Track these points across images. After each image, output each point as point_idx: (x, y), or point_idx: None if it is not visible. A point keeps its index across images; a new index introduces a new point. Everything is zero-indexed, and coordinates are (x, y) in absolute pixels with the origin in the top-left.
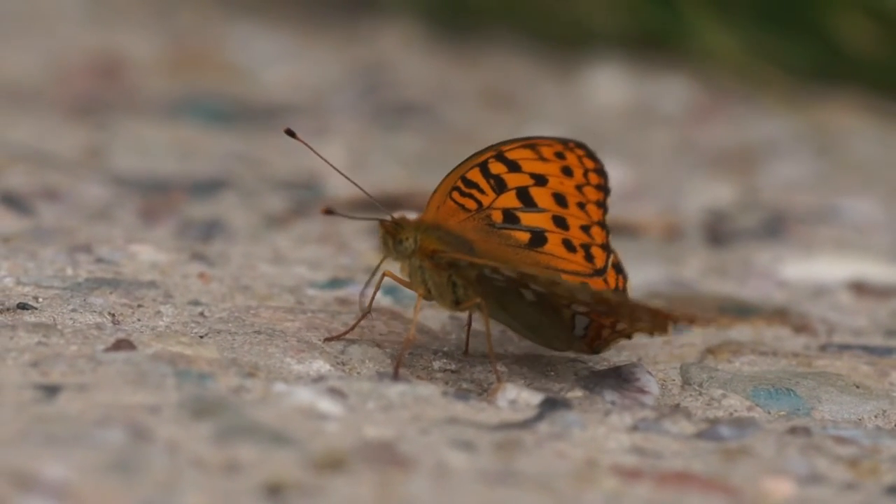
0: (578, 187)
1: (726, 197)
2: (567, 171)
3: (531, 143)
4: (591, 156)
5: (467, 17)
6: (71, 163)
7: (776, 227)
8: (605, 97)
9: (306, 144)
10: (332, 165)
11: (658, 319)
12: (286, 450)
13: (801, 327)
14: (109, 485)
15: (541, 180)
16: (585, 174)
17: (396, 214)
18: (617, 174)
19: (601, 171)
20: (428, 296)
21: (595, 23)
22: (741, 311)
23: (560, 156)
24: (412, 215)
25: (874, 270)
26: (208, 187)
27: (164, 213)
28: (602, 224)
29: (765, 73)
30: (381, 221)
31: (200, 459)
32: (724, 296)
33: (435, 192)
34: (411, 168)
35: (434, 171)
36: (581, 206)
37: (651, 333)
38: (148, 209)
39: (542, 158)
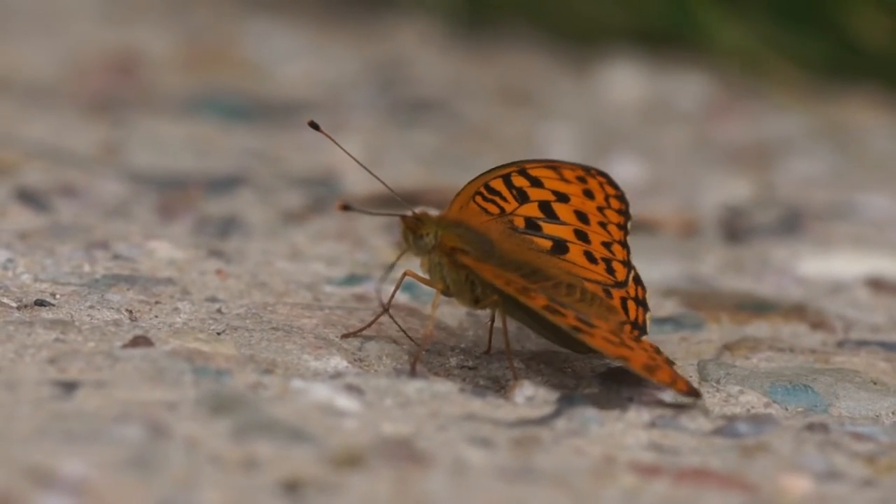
0: (600, 209)
1: (743, 193)
2: (588, 194)
3: (553, 165)
4: (612, 183)
5: (484, 13)
6: (88, 159)
7: (793, 224)
8: (621, 94)
9: (330, 137)
10: (355, 159)
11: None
12: (304, 446)
13: (819, 324)
14: (127, 481)
15: (563, 198)
16: (607, 199)
17: (418, 209)
18: (633, 171)
19: (622, 198)
20: (447, 292)
21: (611, 19)
22: (758, 307)
23: (582, 180)
24: (433, 211)
25: (891, 266)
26: (225, 184)
27: (181, 209)
28: (623, 243)
29: (781, 69)
30: (403, 216)
31: (218, 456)
32: (742, 292)
33: (458, 195)
34: (428, 165)
35: (451, 168)
36: (602, 225)
37: None
38: (165, 206)
39: (564, 180)
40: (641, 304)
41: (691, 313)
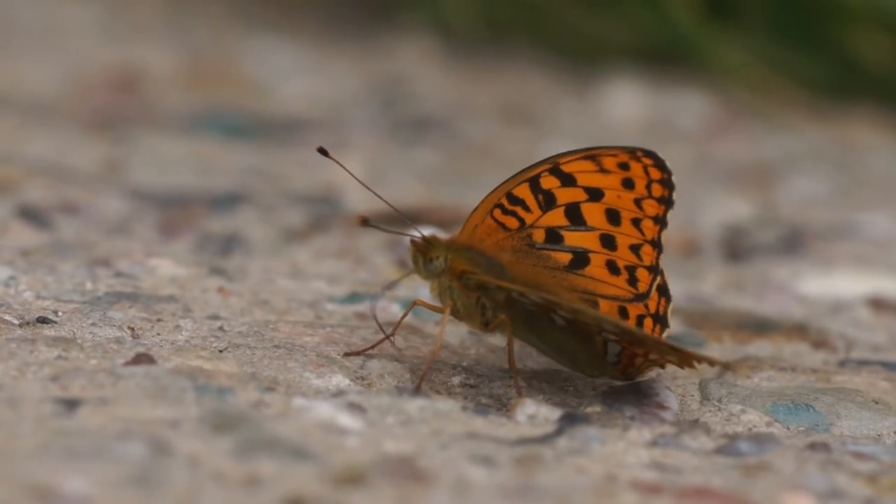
0: (637, 201)
1: (744, 212)
2: (628, 184)
3: (593, 154)
4: (659, 165)
5: (485, 32)
6: (90, 177)
7: (794, 243)
8: (622, 112)
9: (339, 163)
10: (363, 183)
11: (682, 356)
12: (306, 464)
13: (820, 343)
14: (130, 499)
15: (596, 195)
16: (648, 186)
17: (427, 232)
18: None
19: (667, 182)
20: (457, 315)
21: (612, 38)
22: (760, 326)
23: (624, 167)
24: (430, 231)
25: (893, 286)
26: (227, 201)
27: (182, 227)
28: (654, 243)
29: (782, 89)
30: (412, 240)
31: (221, 474)
32: (743, 311)
33: (475, 210)
34: (429, 183)
35: (452, 186)
36: (636, 222)
37: (681, 367)
38: (167, 223)
39: (603, 170)
40: (660, 320)
41: (693, 332)
